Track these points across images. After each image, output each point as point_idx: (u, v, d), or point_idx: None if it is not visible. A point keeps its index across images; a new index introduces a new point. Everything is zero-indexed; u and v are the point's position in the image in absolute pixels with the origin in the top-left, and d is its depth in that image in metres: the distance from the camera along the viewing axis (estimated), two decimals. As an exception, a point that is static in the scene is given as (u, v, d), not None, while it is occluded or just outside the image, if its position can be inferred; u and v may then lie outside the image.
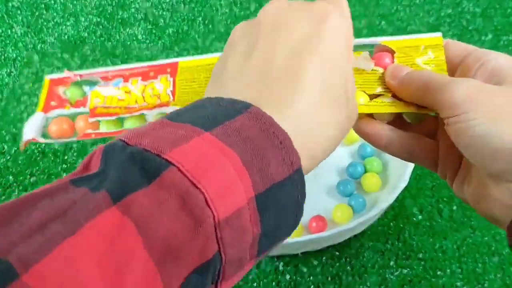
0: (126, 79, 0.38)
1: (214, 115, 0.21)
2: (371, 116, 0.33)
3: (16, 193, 0.49)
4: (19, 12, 0.68)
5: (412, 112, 0.32)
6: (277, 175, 0.20)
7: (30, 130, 0.37)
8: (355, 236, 0.45)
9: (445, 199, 0.48)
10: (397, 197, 0.48)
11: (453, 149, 0.30)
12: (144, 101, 0.37)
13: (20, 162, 0.52)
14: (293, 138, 0.22)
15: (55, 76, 0.39)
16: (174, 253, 0.18)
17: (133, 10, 0.68)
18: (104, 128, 0.36)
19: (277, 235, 0.22)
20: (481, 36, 0.64)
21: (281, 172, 0.20)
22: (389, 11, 0.67)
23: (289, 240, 0.41)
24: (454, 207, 0.47)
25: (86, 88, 0.38)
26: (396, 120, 0.33)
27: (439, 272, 0.43)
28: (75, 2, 0.69)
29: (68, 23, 0.66)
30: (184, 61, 0.38)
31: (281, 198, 0.20)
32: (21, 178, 0.50)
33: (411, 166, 0.44)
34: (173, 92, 0.37)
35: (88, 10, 0.68)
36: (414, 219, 0.47)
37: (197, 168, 0.19)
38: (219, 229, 0.18)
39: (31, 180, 0.50)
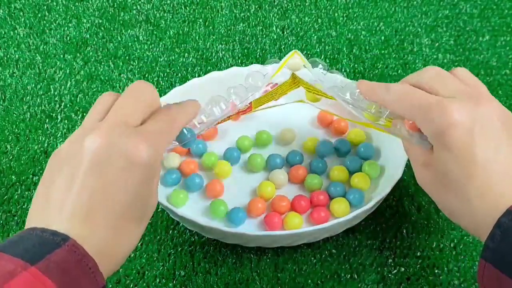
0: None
1: (38, 247, 0.28)
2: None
3: (19, 192, 0.50)
4: (21, 14, 0.68)
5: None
6: None
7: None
8: (353, 234, 0.46)
9: (442, 198, 0.49)
10: (395, 196, 0.48)
11: None
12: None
13: (22, 161, 0.52)
14: (98, 260, 0.29)
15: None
16: None
17: (134, 11, 0.69)
18: None
19: None
20: (478, 37, 0.64)
21: None
22: (387, 12, 0.68)
23: (287, 232, 0.41)
24: (451, 206, 0.48)
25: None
26: None
27: (436, 270, 0.44)
28: (77, 4, 0.69)
29: (70, 25, 0.67)
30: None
31: None
32: (23, 177, 0.51)
33: (405, 157, 0.45)
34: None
35: (90, 12, 0.69)
36: (412, 217, 0.47)
37: None
38: None
39: (34, 179, 0.51)
